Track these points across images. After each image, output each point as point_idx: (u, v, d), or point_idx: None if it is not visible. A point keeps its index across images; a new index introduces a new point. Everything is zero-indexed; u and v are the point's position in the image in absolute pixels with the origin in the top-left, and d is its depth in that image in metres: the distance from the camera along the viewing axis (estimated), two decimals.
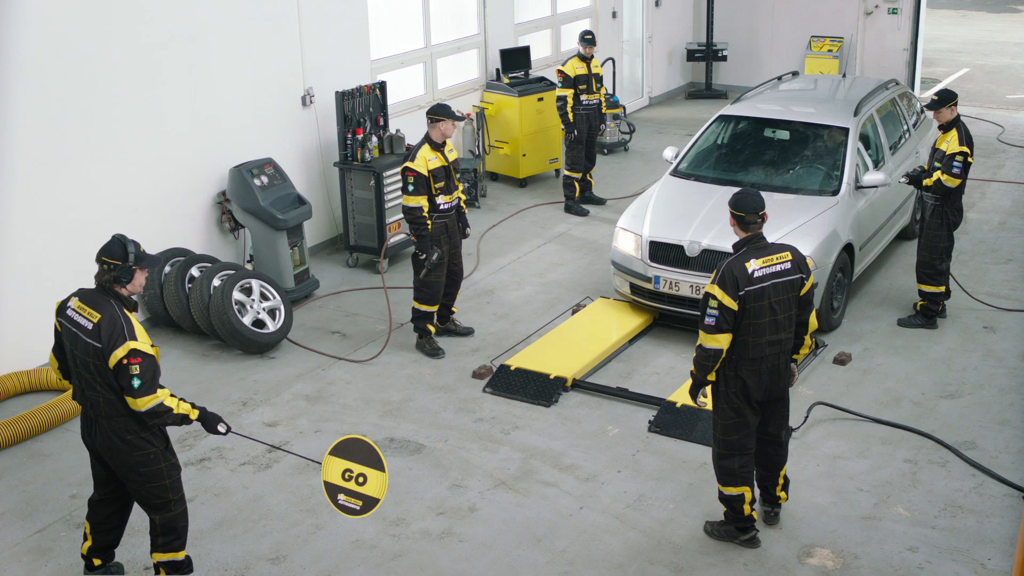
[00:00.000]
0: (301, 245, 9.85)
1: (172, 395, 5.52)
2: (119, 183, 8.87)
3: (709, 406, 6.36)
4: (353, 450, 5.61)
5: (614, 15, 15.77)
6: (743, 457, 6.23)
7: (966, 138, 8.79)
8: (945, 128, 8.93)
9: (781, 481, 6.52)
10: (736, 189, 8.68)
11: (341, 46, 10.93)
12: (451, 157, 8.59)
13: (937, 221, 8.93)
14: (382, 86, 10.80)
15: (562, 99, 11.96)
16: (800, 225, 8.81)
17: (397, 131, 10.81)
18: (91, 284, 5.61)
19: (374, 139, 10.54)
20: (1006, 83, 18.63)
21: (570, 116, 11.93)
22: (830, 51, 16.71)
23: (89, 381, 5.47)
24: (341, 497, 5.60)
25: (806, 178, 9.57)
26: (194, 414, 5.61)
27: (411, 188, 8.36)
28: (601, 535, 6.47)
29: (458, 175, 8.76)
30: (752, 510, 6.32)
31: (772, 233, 7.79)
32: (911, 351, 8.72)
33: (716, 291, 6.00)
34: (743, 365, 6.10)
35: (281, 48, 10.26)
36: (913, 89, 17.05)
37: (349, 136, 10.41)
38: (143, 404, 5.38)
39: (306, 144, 10.67)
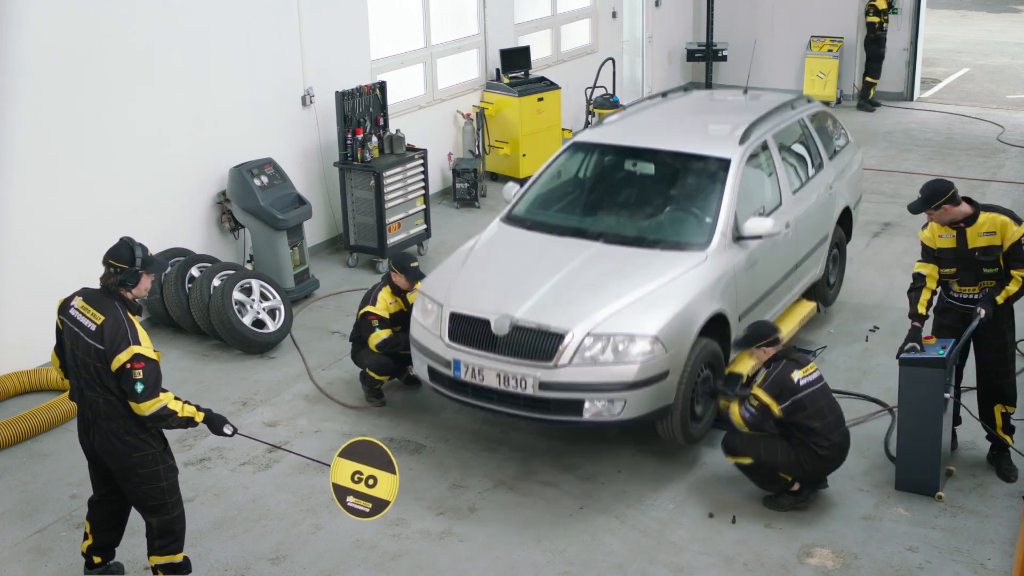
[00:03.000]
0: (301, 245, 9.86)
1: (176, 398, 5.51)
2: (119, 183, 8.88)
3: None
4: (363, 452, 5.58)
5: (614, 15, 15.78)
6: None
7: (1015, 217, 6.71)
8: (968, 221, 6.60)
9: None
10: (578, 242, 7.39)
11: (341, 46, 10.94)
12: (411, 300, 7.81)
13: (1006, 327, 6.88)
14: (382, 86, 10.80)
15: None
16: (645, 295, 6.79)
17: (397, 131, 10.81)
18: (91, 284, 5.60)
19: (374, 139, 10.54)
20: (1006, 83, 18.64)
21: None
22: (830, 51, 16.72)
23: (89, 382, 5.45)
24: (350, 499, 5.56)
25: (668, 227, 7.56)
26: (199, 416, 5.58)
27: (376, 327, 7.73)
28: (601, 535, 6.47)
29: None
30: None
31: (604, 306, 6.71)
32: None
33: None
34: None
35: (281, 48, 10.27)
36: (913, 88, 17.06)
37: (349, 136, 10.42)
38: (147, 408, 5.36)
39: (306, 144, 10.68)
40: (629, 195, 7.97)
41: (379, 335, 7.75)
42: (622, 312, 6.69)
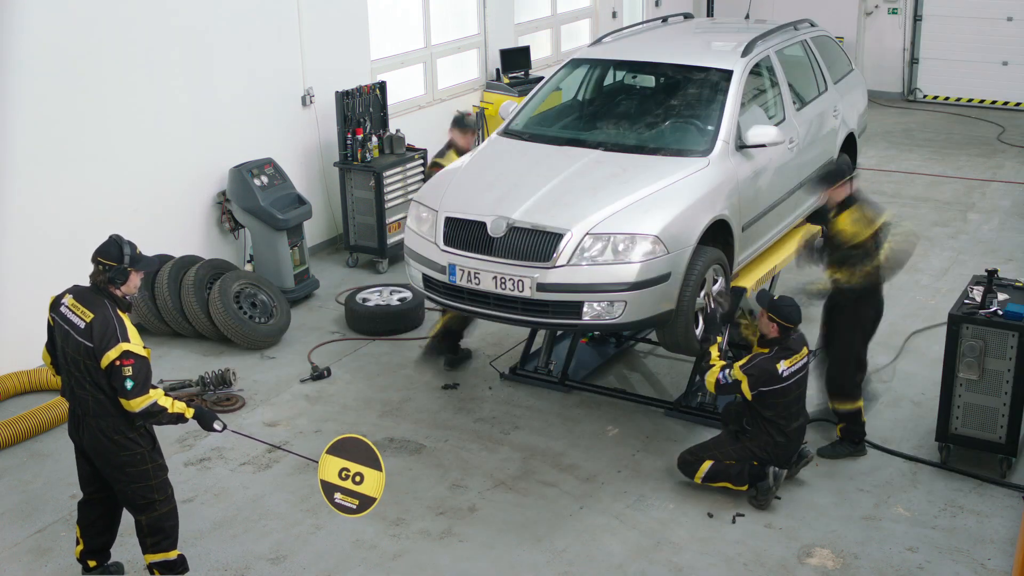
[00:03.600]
0: (301, 245, 9.86)
1: (166, 395, 5.53)
2: (119, 183, 8.87)
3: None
4: (350, 449, 5.61)
5: (614, 15, 15.77)
6: None
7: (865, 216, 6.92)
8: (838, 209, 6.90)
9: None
10: (577, 150, 7.35)
11: (341, 46, 10.93)
12: None
13: (849, 322, 7.04)
14: (382, 86, 10.80)
15: None
16: (645, 197, 6.72)
17: (397, 131, 10.80)
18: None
19: (374, 139, 10.54)
20: None
21: None
22: None
23: (79, 379, 5.47)
24: (338, 496, 5.59)
25: (671, 135, 7.54)
26: (189, 413, 5.60)
27: None
28: (601, 535, 6.47)
29: None
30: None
31: (604, 207, 6.62)
32: (911, 351, 8.71)
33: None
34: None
35: (281, 48, 10.27)
36: (913, 85, 17.05)
37: (349, 136, 10.42)
38: (136, 405, 5.38)
39: (306, 144, 10.67)
40: (629, 107, 7.92)
41: None
42: (622, 212, 6.60)
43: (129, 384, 5.34)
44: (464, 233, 6.76)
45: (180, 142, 9.38)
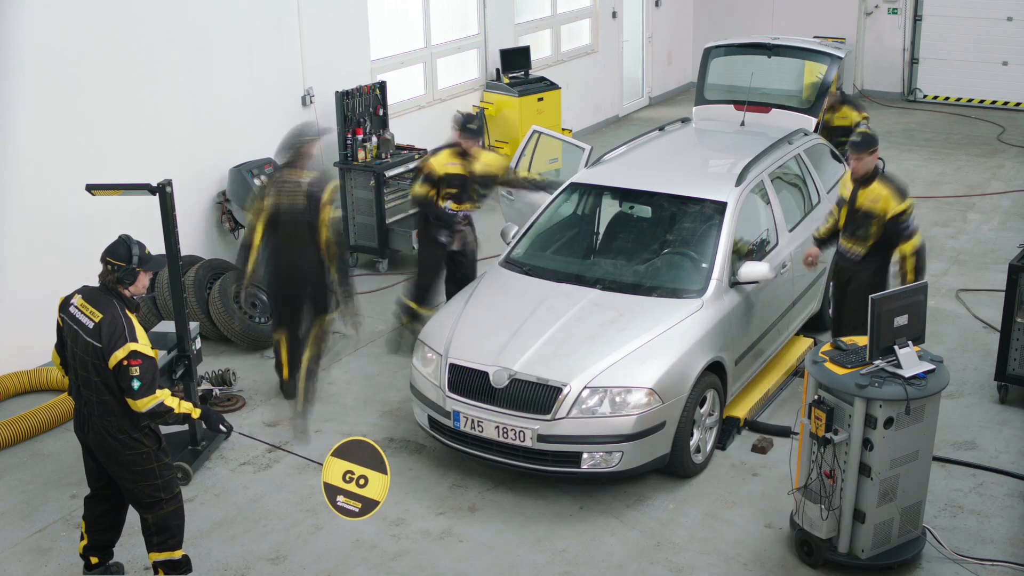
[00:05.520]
0: None
1: (173, 395, 5.54)
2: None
3: None
4: (355, 452, 5.60)
5: (614, 15, 15.79)
6: None
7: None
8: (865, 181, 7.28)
9: None
10: (575, 289, 7.32)
11: (341, 46, 10.94)
12: (476, 167, 8.41)
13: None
14: (382, 86, 10.80)
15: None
16: (641, 346, 6.77)
17: (385, 133, 10.72)
18: (91, 283, 5.62)
19: (374, 139, 10.55)
20: None
21: None
22: None
23: (86, 379, 5.49)
24: (340, 499, 5.58)
25: (665, 273, 7.48)
26: (196, 413, 5.62)
27: (420, 179, 8.44)
28: (601, 535, 6.48)
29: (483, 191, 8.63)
30: None
31: (601, 358, 6.66)
32: None
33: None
34: None
35: (281, 48, 10.27)
36: (913, 85, 17.07)
37: (349, 136, 10.42)
38: (143, 405, 5.39)
39: None
40: (626, 239, 7.93)
41: (416, 188, 8.42)
42: (619, 364, 6.67)
43: (136, 384, 5.36)
44: (468, 381, 6.85)
45: (180, 142, 9.39)
